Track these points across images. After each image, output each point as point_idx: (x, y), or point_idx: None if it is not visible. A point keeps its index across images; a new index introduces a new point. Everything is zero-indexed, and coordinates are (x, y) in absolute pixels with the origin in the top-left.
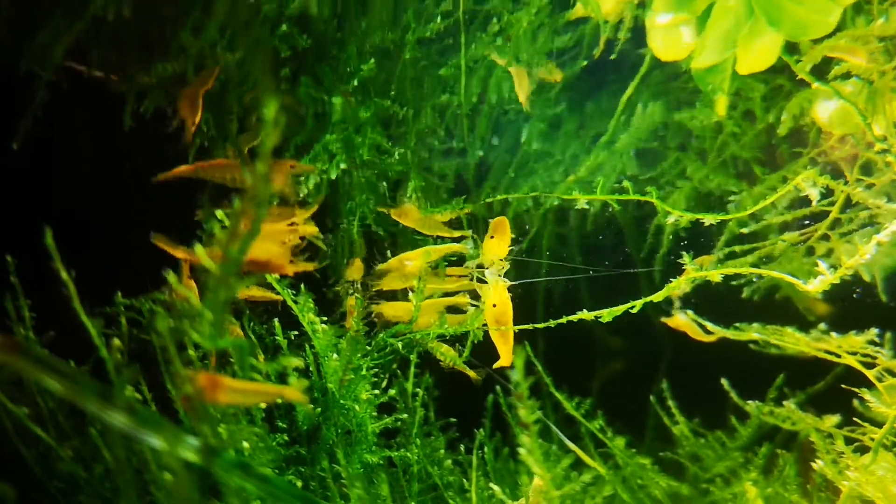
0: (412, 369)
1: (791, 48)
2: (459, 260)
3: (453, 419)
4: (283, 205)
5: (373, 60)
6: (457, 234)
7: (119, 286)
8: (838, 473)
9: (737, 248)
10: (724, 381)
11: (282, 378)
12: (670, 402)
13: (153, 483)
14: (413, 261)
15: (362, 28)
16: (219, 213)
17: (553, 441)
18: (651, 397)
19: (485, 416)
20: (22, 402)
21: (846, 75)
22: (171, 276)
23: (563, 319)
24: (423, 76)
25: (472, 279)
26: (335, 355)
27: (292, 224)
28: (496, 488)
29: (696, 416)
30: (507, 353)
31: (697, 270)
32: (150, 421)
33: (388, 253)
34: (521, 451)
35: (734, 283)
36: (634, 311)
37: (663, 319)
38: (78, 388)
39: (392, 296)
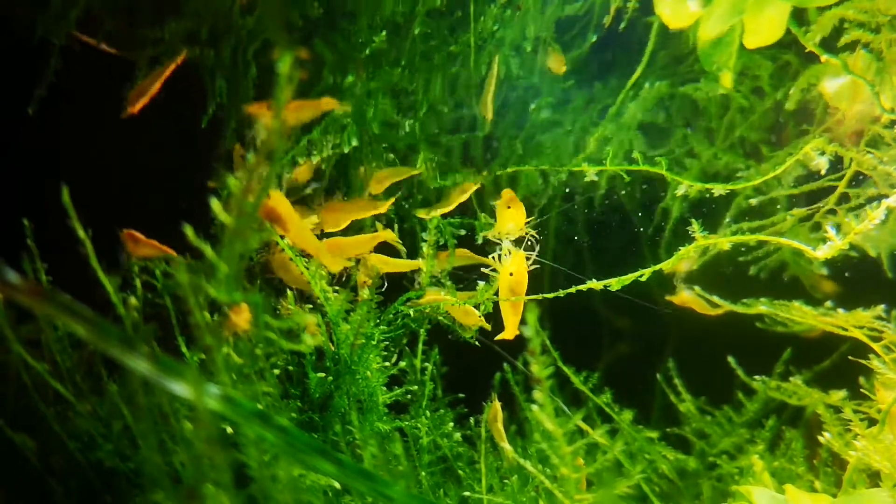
0: (420, 345)
1: (799, 21)
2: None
3: (461, 395)
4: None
5: (384, 33)
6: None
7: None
8: (845, 445)
9: (744, 225)
10: (730, 359)
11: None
12: (676, 381)
13: (172, 438)
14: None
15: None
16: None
17: (560, 416)
18: (658, 376)
19: (492, 392)
20: (41, 360)
21: (854, 45)
22: (188, 230)
23: (573, 289)
24: (433, 50)
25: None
26: (346, 324)
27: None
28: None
29: (702, 394)
30: (513, 326)
31: (706, 240)
32: (171, 368)
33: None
34: (534, 407)
35: (741, 259)
36: (643, 279)
37: (669, 297)
38: (102, 333)
39: None
